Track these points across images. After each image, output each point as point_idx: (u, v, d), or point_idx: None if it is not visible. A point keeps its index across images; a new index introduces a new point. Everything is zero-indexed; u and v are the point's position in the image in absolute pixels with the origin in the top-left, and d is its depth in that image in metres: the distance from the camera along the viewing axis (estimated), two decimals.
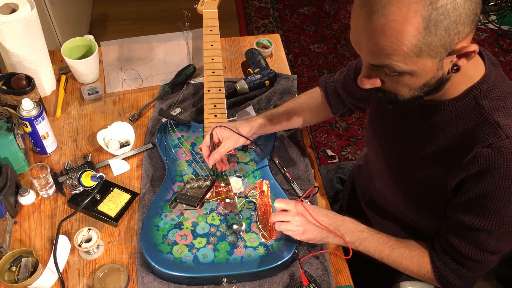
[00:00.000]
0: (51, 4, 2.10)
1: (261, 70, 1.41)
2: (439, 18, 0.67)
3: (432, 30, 0.68)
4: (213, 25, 1.33)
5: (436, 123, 0.88)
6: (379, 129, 1.06)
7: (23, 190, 1.13)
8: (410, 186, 0.98)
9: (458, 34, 0.70)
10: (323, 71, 2.67)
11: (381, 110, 1.05)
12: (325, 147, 2.33)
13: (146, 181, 1.18)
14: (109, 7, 3.02)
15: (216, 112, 1.24)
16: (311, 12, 3.04)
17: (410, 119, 0.94)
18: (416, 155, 0.93)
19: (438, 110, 0.87)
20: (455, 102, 0.85)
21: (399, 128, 0.98)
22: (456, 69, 0.77)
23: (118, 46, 1.53)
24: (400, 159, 0.99)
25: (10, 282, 0.99)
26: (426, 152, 0.91)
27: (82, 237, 1.05)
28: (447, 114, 0.86)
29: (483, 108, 0.83)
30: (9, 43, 1.24)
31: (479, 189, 0.83)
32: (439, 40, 0.70)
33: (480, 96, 0.83)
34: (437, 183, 0.90)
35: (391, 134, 1.01)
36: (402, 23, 0.67)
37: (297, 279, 1.02)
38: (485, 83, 0.83)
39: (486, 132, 0.81)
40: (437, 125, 0.88)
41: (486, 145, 0.81)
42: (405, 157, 0.97)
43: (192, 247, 1.03)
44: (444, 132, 0.87)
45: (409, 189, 0.99)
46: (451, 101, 0.85)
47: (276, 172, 1.22)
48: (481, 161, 0.81)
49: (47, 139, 1.21)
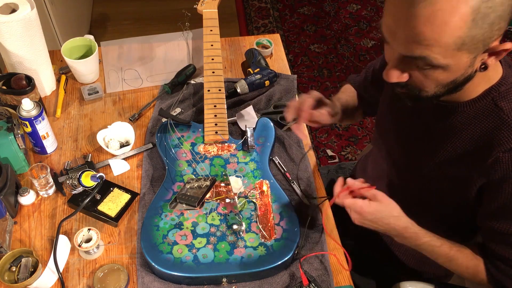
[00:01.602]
0: (51, 4, 2.10)
1: (261, 70, 1.41)
2: (487, 12, 0.65)
3: (478, 23, 0.66)
4: (213, 25, 1.33)
5: (452, 124, 0.86)
6: (390, 130, 1.05)
7: (23, 190, 1.13)
8: (423, 186, 0.96)
9: (499, 30, 0.69)
10: (323, 71, 2.67)
11: (393, 110, 1.03)
12: (325, 147, 2.33)
13: (146, 181, 1.18)
14: (109, 7, 3.02)
15: (216, 112, 1.24)
16: (311, 12, 3.04)
17: (425, 119, 0.92)
18: (431, 157, 0.92)
19: (455, 111, 0.85)
20: (473, 104, 0.83)
21: (412, 128, 0.97)
22: (483, 68, 0.75)
23: (118, 46, 1.53)
24: (413, 160, 0.97)
25: (10, 282, 0.99)
26: (442, 154, 0.90)
27: (82, 237, 1.05)
28: (464, 116, 0.84)
29: (502, 110, 0.81)
30: (9, 43, 1.24)
31: (505, 195, 0.81)
32: (481, 35, 0.68)
33: (498, 98, 0.81)
34: (453, 184, 0.89)
35: (404, 135, 1.00)
36: (450, 13, 0.65)
37: (297, 279, 1.02)
38: (504, 84, 0.81)
39: (505, 135, 0.80)
40: (453, 127, 0.86)
41: (506, 149, 0.79)
42: (418, 158, 0.96)
43: (192, 247, 1.03)
44: (461, 134, 0.85)
45: (422, 190, 0.98)
46: (468, 102, 0.83)
47: (276, 172, 1.22)
48: (503, 166, 0.80)
49: (47, 139, 1.21)
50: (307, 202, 1.16)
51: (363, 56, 2.77)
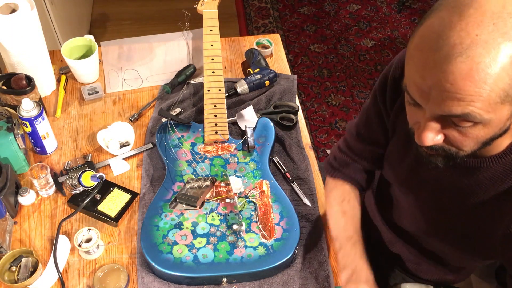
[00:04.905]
0: (51, 4, 2.10)
1: (261, 70, 1.41)
2: None
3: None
4: (213, 25, 1.33)
5: (479, 180, 0.82)
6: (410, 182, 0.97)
7: (23, 190, 1.13)
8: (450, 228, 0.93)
9: None
10: (323, 71, 2.67)
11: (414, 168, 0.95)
12: (325, 147, 2.33)
13: (146, 181, 1.18)
14: (109, 7, 3.02)
15: (216, 112, 1.24)
16: (311, 12, 3.04)
17: (448, 174, 0.86)
18: (457, 207, 0.88)
19: (481, 167, 0.80)
20: (499, 159, 0.78)
21: (434, 180, 0.91)
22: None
23: (118, 46, 1.53)
24: (437, 206, 0.93)
25: (10, 282, 0.99)
26: (468, 205, 0.86)
27: (82, 237, 1.05)
28: (491, 172, 0.80)
29: None
30: (9, 43, 1.24)
31: None
32: None
33: None
34: (482, 231, 0.86)
35: (423, 184, 0.94)
36: (491, 65, 0.60)
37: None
38: None
39: None
40: (480, 182, 0.82)
41: None
42: (443, 206, 0.92)
43: (192, 247, 1.03)
44: (488, 189, 0.82)
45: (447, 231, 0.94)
46: (495, 157, 0.78)
47: (276, 172, 1.22)
48: None
49: (47, 139, 1.21)
50: (307, 202, 1.16)
51: (363, 56, 2.77)
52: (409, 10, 3.07)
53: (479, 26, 0.59)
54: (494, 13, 0.59)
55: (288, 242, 1.03)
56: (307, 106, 2.50)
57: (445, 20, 0.61)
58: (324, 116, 2.46)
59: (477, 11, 0.59)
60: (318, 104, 2.51)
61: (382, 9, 3.07)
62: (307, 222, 1.12)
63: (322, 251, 1.07)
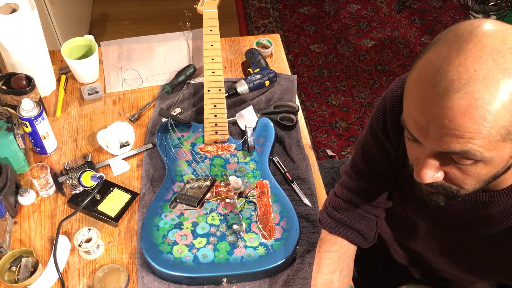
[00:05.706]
0: (51, 4, 2.10)
1: (261, 70, 1.41)
2: None
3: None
4: (213, 25, 1.33)
5: (492, 214, 0.81)
6: (419, 208, 0.95)
7: (23, 190, 1.13)
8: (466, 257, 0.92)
9: None
10: (323, 71, 2.67)
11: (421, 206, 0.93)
12: (325, 147, 2.33)
13: (146, 181, 1.18)
14: (109, 7, 3.02)
15: (216, 112, 1.24)
16: (311, 12, 3.04)
17: (458, 208, 0.85)
18: (472, 237, 0.87)
19: (492, 202, 0.79)
20: (509, 193, 0.77)
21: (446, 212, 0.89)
22: None
23: (118, 46, 1.53)
24: (451, 235, 0.92)
25: (10, 282, 0.99)
26: (483, 235, 0.85)
27: (82, 237, 1.05)
28: (502, 206, 0.79)
29: None
30: (9, 43, 1.24)
31: None
32: None
33: None
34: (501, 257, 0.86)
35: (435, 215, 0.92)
36: (490, 102, 0.57)
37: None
38: None
39: None
40: (493, 216, 0.81)
41: None
42: (457, 235, 0.91)
43: (192, 247, 1.03)
44: (502, 222, 0.81)
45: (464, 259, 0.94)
46: (504, 191, 0.77)
47: (276, 172, 1.22)
48: None
49: (47, 139, 1.21)
50: (307, 202, 1.16)
51: (363, 56, 2.77)
52: (409, 10, 3.06)
53: (478, 61, 0.57)
54: (493, 48, 0.57)
55: (288, 242, 1.04)
56: (307, 106, 2.50)
57: (444, 55, 0.59)
58: (324, 116, 2.46)
59: (477, 46, 0.57)
60: (318, 104, 2.51)
61: (382, 9, 3.07)
62: (307, 222, 1.13)
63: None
